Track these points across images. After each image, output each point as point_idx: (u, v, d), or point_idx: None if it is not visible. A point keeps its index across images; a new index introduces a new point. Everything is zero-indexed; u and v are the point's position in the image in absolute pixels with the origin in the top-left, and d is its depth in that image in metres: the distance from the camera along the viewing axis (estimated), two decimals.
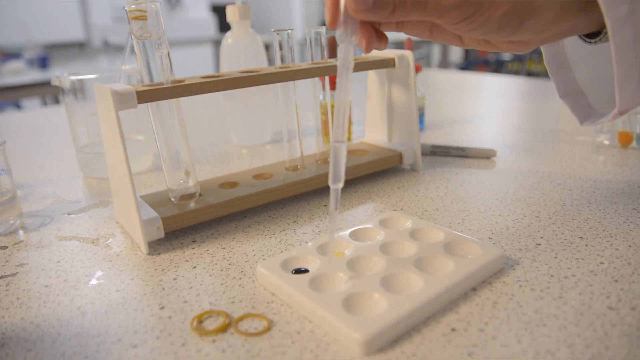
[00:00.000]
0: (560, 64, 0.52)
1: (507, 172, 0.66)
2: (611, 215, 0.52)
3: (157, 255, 0.48)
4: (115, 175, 0.51)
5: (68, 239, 0.53)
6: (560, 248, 0.45)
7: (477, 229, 0.50)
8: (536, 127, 0.91)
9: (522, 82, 1.46)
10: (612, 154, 0.73)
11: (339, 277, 0.39)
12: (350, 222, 0.53)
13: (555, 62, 0.52)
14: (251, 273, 0.44)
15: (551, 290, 0.39)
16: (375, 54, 0.66)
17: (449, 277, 0.38)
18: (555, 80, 0.52)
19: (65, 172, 0.77)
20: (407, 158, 0.67)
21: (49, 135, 1.08)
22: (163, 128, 0.51)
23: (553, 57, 0.52)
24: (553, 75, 0.52)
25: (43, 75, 3.00)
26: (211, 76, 0.52)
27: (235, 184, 0.57)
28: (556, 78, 0.52)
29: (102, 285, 0.43)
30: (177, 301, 0.40)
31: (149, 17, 0.48)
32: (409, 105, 0.66)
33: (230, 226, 0.54)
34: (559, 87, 0.52)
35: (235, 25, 0.81)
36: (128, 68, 0.73)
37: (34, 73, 3.13)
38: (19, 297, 0.42)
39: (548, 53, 0.52)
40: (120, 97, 0.45)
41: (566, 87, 0.52)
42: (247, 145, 0.87)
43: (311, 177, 0.58)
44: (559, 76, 0.52)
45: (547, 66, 0.52)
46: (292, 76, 0.55)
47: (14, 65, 3.11)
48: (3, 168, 0.57)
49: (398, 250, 0.43)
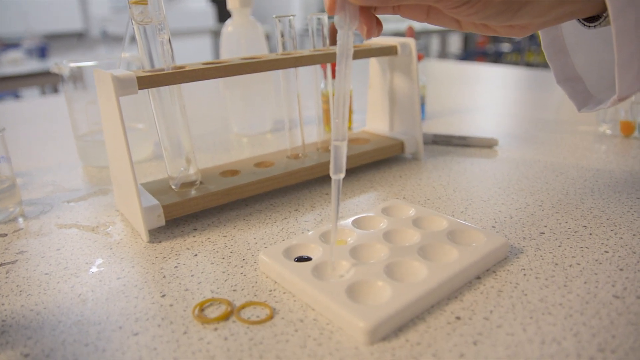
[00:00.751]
0: (557, 49, 0.51)
1: (509, 161, 0.66)
2: (615, 204, 0.52)
3: (158, 243, 0.47)
4: (115, 163, 0.51)
5: (68, 226, 0.53)
6: (565, 237, 0.45)
7: (480, 217, 0.50)
8: (537, 116, 0.90)
9: (521, 73, 1.45)
10: (615, 143, 0.72)
11: (342, 264, 0.39)
12: (353, 210, 0.53)
13: (553, 46, 0.51)
14: (253, 261, 0.43)
15: (556, 279, 0.38)
16: (377, 40, 0.65)
17: (453, 265, 0.38)
18: (552, 65, 0.52)
19: (64, 160, 0.77)
20: (409, 147, 0.66)
21: (48, 123, 1.07)
22: (164, 115, 0.51)
23: (551, 42, 0.51)
24: (551, 60, 0.52)
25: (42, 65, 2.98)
26: (212, 62, 0.52)
27: (236, 172, 0.57)
28: (554, 63, 0.51)
29: (103, 272, 0.43)
30: (179, 289, 0.39)
31: (149, 1, 0.47)
32: (411, 94, 0.65)
33: (232, 214, 0.53)
34: (556, 72, 0.52)
35: (236, 12, 0.80)
36: (128, 55, 0.73)
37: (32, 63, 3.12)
38: (18, 284, 0.41)
39: (546, 37, 0.51)
40: (121, 83, 0.45)
41: (564, 72, 0.52)
42: (247, 134, 0.86)
43: (313, 166, 0.58)
44: (557, 61, 0.51)
45: (544, 51, 0.51)
46: (294, 63, 0.54)
47: (12, 55, 3.09)
48: (2, 155, 0.56)
49: (401, 238, 0.43)
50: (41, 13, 4.07)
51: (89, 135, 0.73)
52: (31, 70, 2.79)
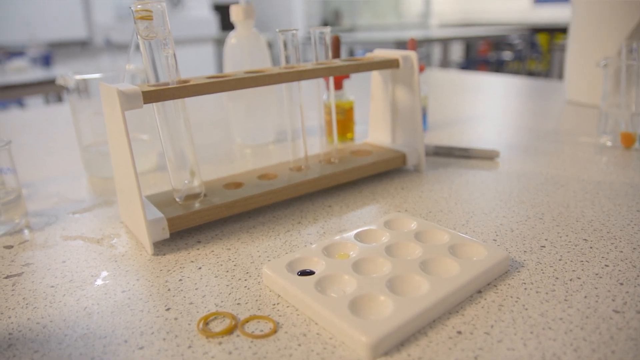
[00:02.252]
0: None
1: (510, 173, 0.66)
2: (615, 217, 0.52)
3: (163, 256, 0.48)
4: (120, 175, 0.52)
5: (73, 238, 0.53)
6: (565, 250, 0.46)
7: (481, 230, 0.50)
8: (538, 127, 0.91)
9: (522, 82, 1.46)
10: (615, 155, 0.73)
11: (345, 279, 0.39)
12: (355, 223, 0.53)
13: None
14: (256, 274, 0.44)
15: (556, 293, 0.39)
16: (379, 53, 0.66)
17: (455, 280, 0.38)
18: None
19: (69, 170, 0.77)
20: (411, 159, 0.67)
21: (53, 133, 1.08)
22: (168, 128, 0.52)
23: None
24: None
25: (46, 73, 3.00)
26: (217, 76, 0.52)
27: (240, 184, 0.57)
28: None
29: (108, 285, 0.43)
30: (183, 302, 0.40)
31: (154, 17, 0.48)
32: (412, 106, 0.66)
33: (235, 227, 0.54)
34: None
35: (239, 25, 0.81)
36: (132, 67, 0.73)
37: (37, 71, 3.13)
38: (25, 297, 0.42)
39: None
40: (126, 98, 0.45)
41: None
42: (250, 144, 0.87)
43: (315, 178, 0.59)
44: None
45: None
46: (297, 77, 0.55)
47: (17, 64, 3.11)
48: (8, 167, 0.57)
49: (403, 252, 0.44)
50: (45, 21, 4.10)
51: (94, 146, 0.74)
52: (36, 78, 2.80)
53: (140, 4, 0.47)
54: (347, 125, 0.83)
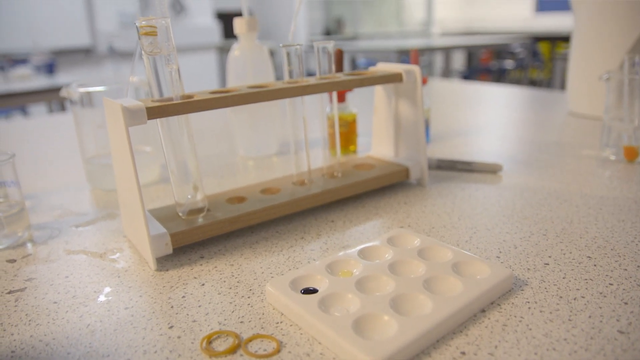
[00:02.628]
0: None
1: (513, 188, 0.66)
2: (619, 233, 0.52)
3: (165, 272, 0.48)
4: (123, 189, 0.52)
5: (76, 252, 0.53)
6: (569, 268, 0.45)
7: (485, 247, 0.50)
8: (540, 139, 0.91)
9: (524, 93, 1.46)
10: (618, 169, 0.73)
11: (348, 297, 0.39)
12: (358, 238, 0.53)
13: None
14: (260, 292, 0.44)
15: (560, 313, 0.39)
16: (383, 67, 0.66)
17: (459, 299, 0.38)
18: None
19: (72, 182, 0.77)
20: (414, 173, 0.67)
21: (56, 143, 1.08)
22: (172, 143, 0.52)
23: None
24: None
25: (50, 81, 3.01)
26: (220, 91, 0.53)
27: (242, 198, 0.57)
28: None
29: (111, 302, 0.43)
30: (186, 320, 0.40)
31: (159, 32, 0.48)
32: (415, 120, 0.66)
33: (238, 242, 0.54)
34: None
35: (243, 37, 0.81)
36: (136, 80, 0.74)
37: (40, 79, 3.14)
38: (27, 313, 0.42)
39: None
40: (130, 114, 0.45)
41: None
42: (253, 156, 0.87)
43: (318, 193, 0.59)
44: None
45: None
46: (300, 92, 0.55)
47: (21, 71, 3.12)
48: (12, 180, 0.57)
49: (407, 269, 0.43)
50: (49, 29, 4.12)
51: (97, 158, 0.74)
52: (39, 86, 2.81)
53: (144, 20, 0.48)
54: (350, 138, 0.83)
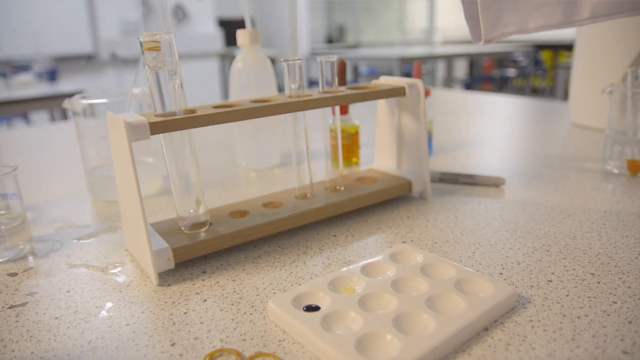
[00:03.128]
0: None
1: (516, 202, 0.66)
2: (623, 249, 0.52)
3: (167, 287, 0.48)
4: (125, 202, 0.52)
5: (77, 266, 0.53)
6: (572, 285, 0.45)
7: (488, 263, 0.50)
8: (543, 151, 0.91)
9: (527, 103, 1.46)
10: (622, 182, 0.72)
11: (351, 315, 0.39)
12: (361, 254, 0.53)
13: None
14: (262, 308, 0.43)
15: (564, 332, 0.39)
16: (385, 81, 0.66)
17: (461, 318, 0.38)
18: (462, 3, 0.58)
19: (73, 193, 0.77)
20: (417, 186, 0.67)
21: (58, 153, 1.08)
22: (174, 155, 0.52)
23: None
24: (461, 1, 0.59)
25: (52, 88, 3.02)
26: (224, 106, 0.53)
27: (245, 212, 0.57)
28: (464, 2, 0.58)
29: (113, 318, 0.43)
30: (188, 337, 0.40)
31: (162, 47, 0.48)
32: (418, 133, 0.66)
33: (240, 256, 0.54)
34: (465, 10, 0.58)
35: (246, 49, 0.81)
36: (138, 92, 0.74)
37: (42, 86, 3.15)
38: (28, 329, 0.42)
39: None
40: (133, 129, 0.45)
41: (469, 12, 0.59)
42: (255, 168, 0.87)
43: (321, 207, 0.58)
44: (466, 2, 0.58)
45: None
46: (303, 106, 0.55)
47: (23, 78, 3.13)
48: (14, 193, 0.57)
49: (409, 287, 0.43)
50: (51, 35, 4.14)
51: (99, 169, 0.74)
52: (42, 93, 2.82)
53: (148, 35, 0.48)
54: (353, 150, 0.83)
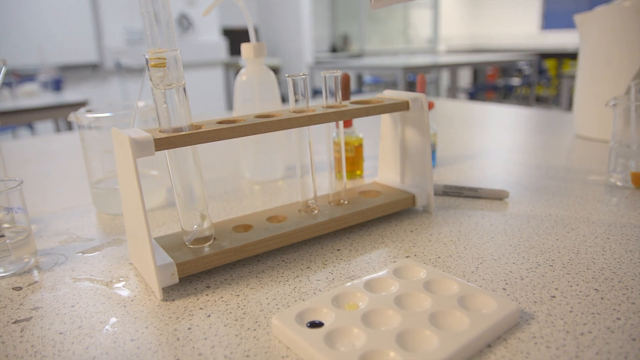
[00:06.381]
0: None
1: (519, 215, 0.66)
2: (626, 265, 0.52)
3: (172, 302, 0.48)
4: (129, 217, 0.52)
5: (82, 280, 0.53)
6: (576, 301, 0.45)
7: (491, 278, 0.50)
8: (547, 163, 0.91)
9: (531, 113, 1.46)
10: (626, 195, 0.72)
11: (354, 332, 0.39)
12: (364, 268, 0.53)
13: None
14: (265, 324, 0.44)
15: (567, 349, 0.38)
16: (389, 95, 0.66)
17: (465, 335, 0.38)
18: None
19: (78, 205, 0.78)
20: (420, 200, 0.67)
21: (62, 164, 1.08)
22: (178, 168, 0.52)
23: None
24: None
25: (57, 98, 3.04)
26: (228, 121, 0.53)
27: (249, 226, 0.58)
28: None
29: (117, 333, 0.43)
30: (192, 353, 0.40)
31: (168, 64, 0.49)
32: (422, 147, 0.66)
33: (244, 270, 0.54)
34: None
35: (250, 62, 0.82)
36: (143, 105, 0.74)
37: (47, 96, 3.17)
38: (33, 344, 0.42)
39: None
40: (138, 145, 0.46)
41: None
42: (259, 180, 0.87)
43: (325, 221, 0.59)
44: None
45: None
46: (307, 122, 0.55)
47: (28, 88, 3.15)
48: (19, 207, 0.57)
49: (413, 303, 0.43)
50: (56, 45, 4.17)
51: (104, 182, 0.74)
52: (47, 103, 2.84)
53: (154, 52, 0.48)
54: (356, 162, 0.84)
